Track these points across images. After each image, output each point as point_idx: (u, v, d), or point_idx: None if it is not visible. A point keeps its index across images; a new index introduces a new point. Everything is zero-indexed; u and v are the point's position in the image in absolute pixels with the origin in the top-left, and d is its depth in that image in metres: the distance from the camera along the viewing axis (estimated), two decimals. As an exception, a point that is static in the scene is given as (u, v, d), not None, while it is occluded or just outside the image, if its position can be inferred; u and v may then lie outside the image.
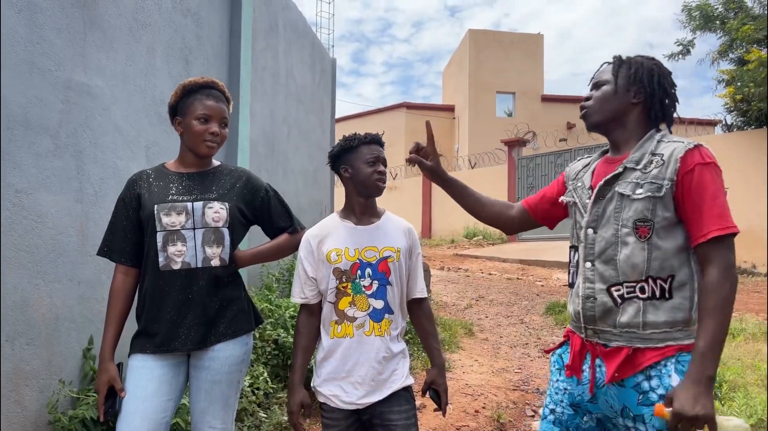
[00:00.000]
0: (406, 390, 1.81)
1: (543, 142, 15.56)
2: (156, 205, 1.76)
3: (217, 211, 1.78)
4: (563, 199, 1.66)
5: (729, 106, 10.68)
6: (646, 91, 1.51)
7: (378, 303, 1.78)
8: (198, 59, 3.58)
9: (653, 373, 1.39)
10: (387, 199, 15.25)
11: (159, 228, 1.74)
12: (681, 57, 11.29)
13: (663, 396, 1.36)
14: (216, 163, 1.93)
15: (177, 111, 1.84)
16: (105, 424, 2.18)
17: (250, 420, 2.90)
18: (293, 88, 5.71)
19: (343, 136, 1.86)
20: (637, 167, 1.45)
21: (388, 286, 1.79)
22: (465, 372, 4.47)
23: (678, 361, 1.38)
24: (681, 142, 1.43)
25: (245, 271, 3.98)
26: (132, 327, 1.82)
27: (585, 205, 1.54)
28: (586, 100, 1.59)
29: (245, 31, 4.15)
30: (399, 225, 1.90)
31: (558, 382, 1.60)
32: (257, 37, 4.61)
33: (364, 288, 1.77)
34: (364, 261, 1.78)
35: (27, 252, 2.15)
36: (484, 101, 21.29)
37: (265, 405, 3.12)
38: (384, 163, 1.83)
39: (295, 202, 5.07)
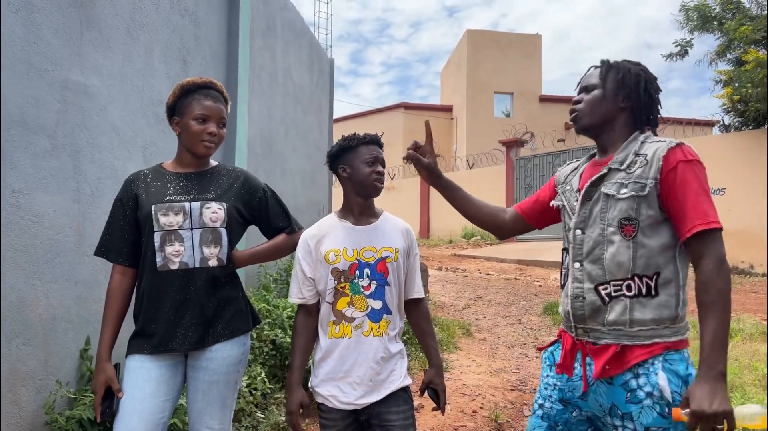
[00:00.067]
0: (404, 390, 1.81)
1: (541, 142, 15.55)
2: (153, 205, 1.75)
3: (214, 211, 1.78)
4: (554, 203, 1.69)
5: (726, 107, 10.69)
6: (632, 96, 1.54)
7: (376, 304, 1.78)
8: (196, 59, 3.57)
9: (641, 371, 1.41)
10: (385, 199, 15.18)
11: (156, 229, 1.74)
12: (679, 57, 11.35)
13: (650, 394, 1.38)
14: (213, 163, 1.93)
15: (175, 111, 1.84)
16: (102, 425, 2.17)
17: (247, 421, 2.90)
18: (291, 88, 5.70)
19: (342, 135, 1.86)
20: (622, 167, 1.48)
21: (387, 287, 1.79)
22: (463, 373, 4.47)
23: (666, 359, 1.40)
24: (663, 142, 1.46)
25: (243, 272, 3.97)
26: (129, 327, 1.82)
27: (573, 208, 1.57)
28: (576, 104, 1.61)
29: (243, 30, 4.15)
30: (397, 225, 1.90)
31: (548, 377, 1.63)
32: (255, 36, 4.61)
33: (362, 289, 1.77)
34: (363, 262, 1.77)
35: (24, 253, 2.14)
36: (482, 101, 21.31)
37: (263, 406, 3.11)
38: (382, 163, 1.83)
39: (292, 202, 5.06)
